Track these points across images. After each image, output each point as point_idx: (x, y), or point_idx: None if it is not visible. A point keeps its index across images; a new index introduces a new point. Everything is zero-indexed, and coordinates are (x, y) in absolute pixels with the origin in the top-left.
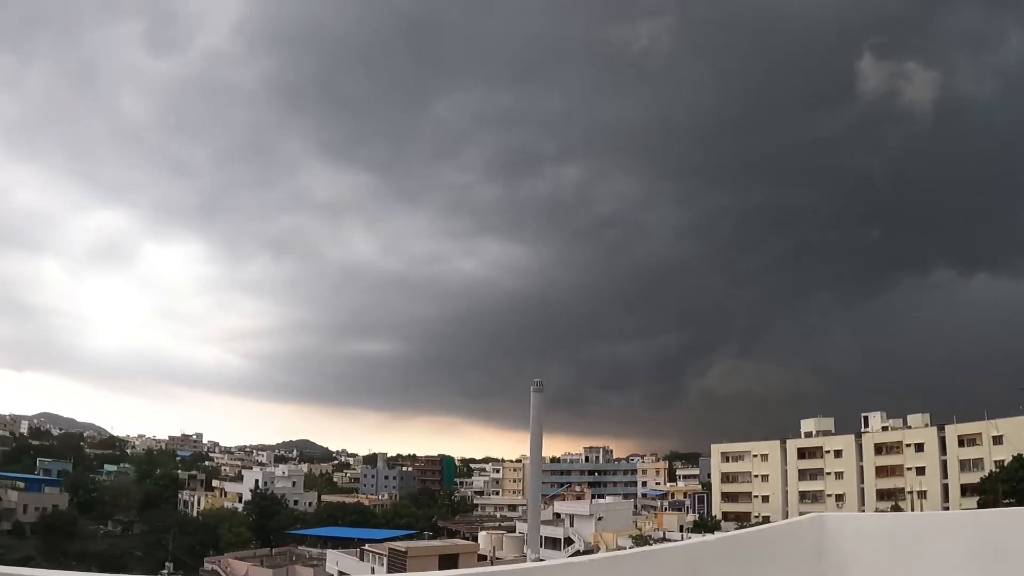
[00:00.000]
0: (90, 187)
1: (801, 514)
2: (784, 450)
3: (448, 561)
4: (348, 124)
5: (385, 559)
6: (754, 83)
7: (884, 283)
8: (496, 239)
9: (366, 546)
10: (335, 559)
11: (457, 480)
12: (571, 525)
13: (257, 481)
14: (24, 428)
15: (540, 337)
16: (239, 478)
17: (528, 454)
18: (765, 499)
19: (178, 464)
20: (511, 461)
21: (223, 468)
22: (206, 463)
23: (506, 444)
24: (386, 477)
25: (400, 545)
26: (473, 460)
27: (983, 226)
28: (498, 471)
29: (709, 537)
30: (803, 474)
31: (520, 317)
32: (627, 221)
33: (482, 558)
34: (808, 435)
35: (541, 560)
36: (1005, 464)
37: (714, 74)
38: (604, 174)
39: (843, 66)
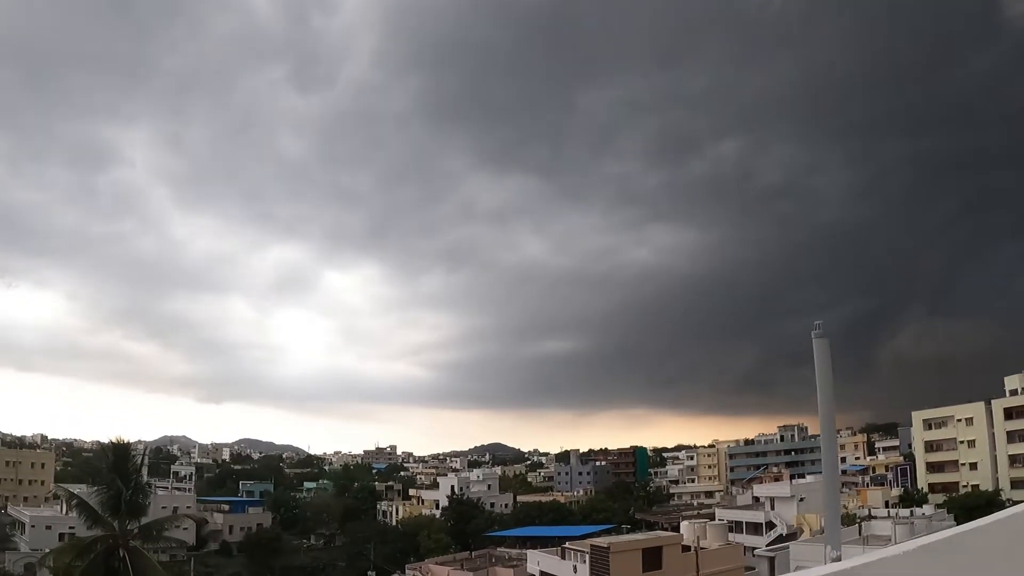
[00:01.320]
0: (264, 225)
1: (1014, 481)
2: (990, 411)
3: (652, 554)
4: (503, 131)
5: (587, 556)
6: (896, 29)
7: None
8: (664, 225)
9: (567, 544)
10: (536, 559)
11: (651, 470)
12: (772, 508)
13: (452, 487)
14: (226, 455)
15: (721, 318)
16: (435, 485)
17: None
18: (973, 466)
19: (374, 476)
20: (704, 447)
21: (418, 477)
22: (401, 474)
23: (697, 430)
24: (579, 473)
25: (602, 541)
26: (665, 449)
27: None
28: (692, 458)
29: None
30: (1012, 436)
31: (699, 300)
32: (795, 189)
33: (686, 549)
34: (1014, 393)
35: (839, 559)
36: None
37: (852, 28)
38: (764, 145)
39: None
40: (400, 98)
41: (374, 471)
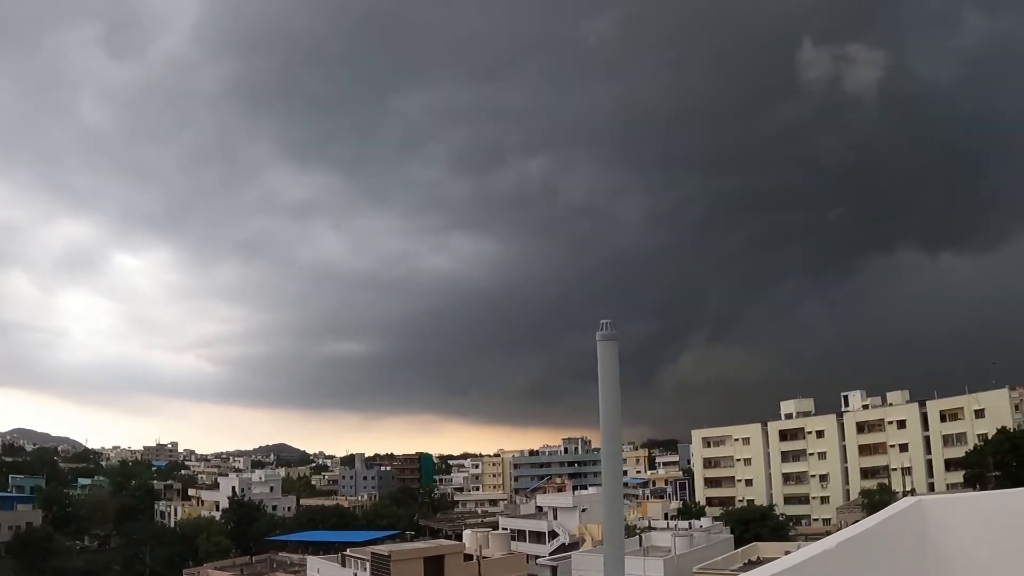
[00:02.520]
0: (56, 196)
1: (787, 497)
2: (766, 433)
3: (434, 563)
4: (313, 124)
5: (368, 563)
6: (710, 73)
7: (852, 265)
8: (465, 234)
9: (348, 551)
10: (316, 566)
11: (436, 477)
12: (555, 518)
13: (234, 488)
14: None
15: (513, 330)
16: (215, 486)
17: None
18: (748, 483)
19: (154, 474)
20: (489, 456)
21: (200, 476)
22: (182, 472)
23: (484, 439)
24: (365, 478)
25: (383, 549)
26: (451, 456)
27: (945, 205)
28: (477, 466)
29: (815, 548)
30: (786, 456)
31: (493, 311)
32: (596, 211)
33: (468, 558)
34: (788, 417)
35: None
36: (989, 437)
37: (669, 66)
38: (570, 166)
39: (793, 52)
40: (213, 78)
41: (154, 468)
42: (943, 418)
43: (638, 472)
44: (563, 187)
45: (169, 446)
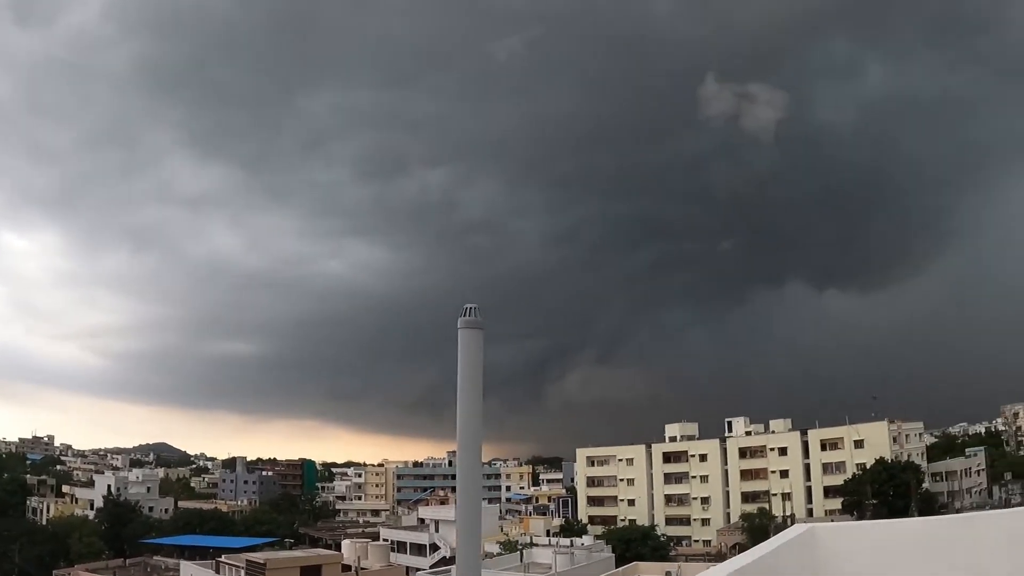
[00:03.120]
0: None
1: (669, 518)
2: (650, 454)
3: (311, 572)
4: (218, 115)
5: (243, 571)
6: (615, 100)
7: (742, 295)
8: (363, 240)
9: (223, 557)
10: (190, 572)
11: (319, 485)
12: (436, 530)
13: (109, 487)
14: None
15: (403, 340)
16: (91, 484)
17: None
18: (631, 503)
19: (27, 468)
20: (373, 465)
21: (75, 473)
22: (57, 467)
23: (369, 448)
24: (245, 482)
25: (259, 556)
26: (335, 464)
27: (834, 245)
28: (360, 476)
29: (713, 573)
30: (668, 478)
31: (384, 319)
32: (494, 227)
33: (346, 568)
34: (673, 439)
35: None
36: (867, 467)
37: (576, 90)
38: (472, 180)
39: (697, 87)
40: (121, 57)
41: (28, 462)
42: (824, 447)
43: (522, 488)
44: (463, 200)
45: (45, 439)
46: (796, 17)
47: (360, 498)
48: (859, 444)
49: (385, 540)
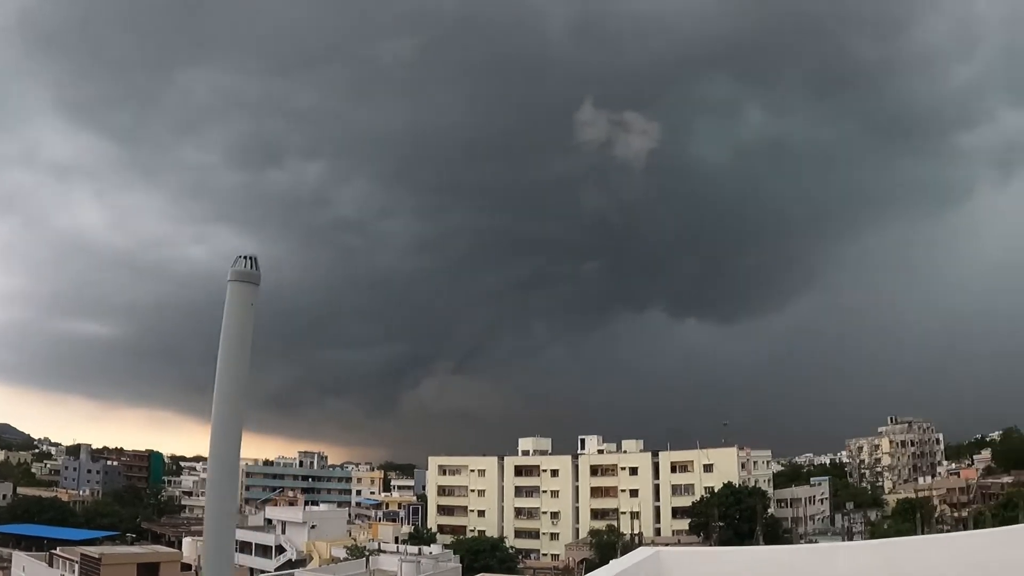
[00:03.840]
0: None
1: (518, 531)
2: (502, 466)
3: (148, 570)
4: (95, 81)
5: (77, 565)
6: (497, 115)
7: (603, 317)
8: (231, 229)
9: (58, 550)
10: (22, 563)
11: (166, 478)
12: (283, 532)
13: None
14: None
15: (263, 335)
16: None
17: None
18: (481, 514)
19: None
20: None
21: None
22: None
23: None
24: (89, 471)
25: (94, 551)
26: (184, 458)
27: (696, 276)
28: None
29: None
30: (520, 491)
31: None
32: (365, 227)
33: (186, 567)
34: (526, 453)
35: None
36: (715, 490)
37: (459, 100)
38: (347, 177)
39: (574, 110)
40: (5, 8)
41: None
42: (674, 469)
43: (372, 493)
44: (336, 198)
45: None
46: (683, 54)
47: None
48: (708, 468)
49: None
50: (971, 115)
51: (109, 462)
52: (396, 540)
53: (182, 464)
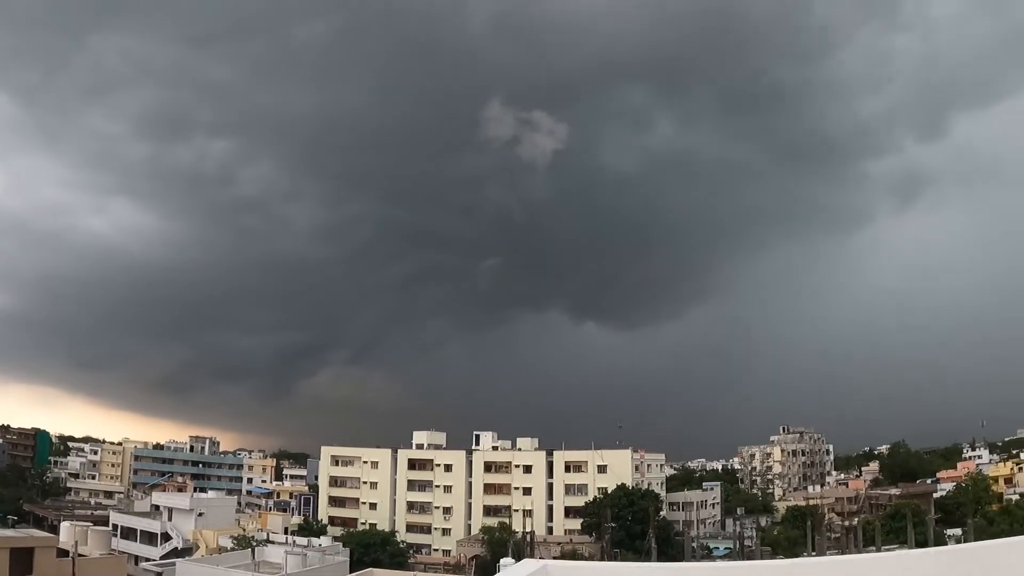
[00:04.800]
0: None
1: (410, 525)
2: (395, 459)
3: (21, 556)
4: (3, 36)
5: None
6: (408, 105)
7: (502, 315)
8: (132, 202)
9: None
10: None
11: (52, 459)
12: (169, 519)
13: None
14: None
15: (158, 312)
16: None
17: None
18: (373, 506)
19: None
20: (112, 443)
21: None
22: None
23: (112, 424)
24: None
25: None
26: (72, 438)
27: (597, 280)
28: (96, 453)
29: None
30: (412, 485)
31: (141, 290)
32: (268, 210)
33: (63, 553)
34: (420, 447)
35: None
36: (608, 491)
37: (371, 89)
38: (253, 158)
39: (482, 107)
40: None
41: None
42: (568, 468)
43: (264, 482)
44: (241, 177)
45: None
46: (602, 60)
47: (94, 477)
48: (603, 469)
49: (113, 525)
50: (878, 144)
51: None
52: (286, 531)
53: (70, 445)
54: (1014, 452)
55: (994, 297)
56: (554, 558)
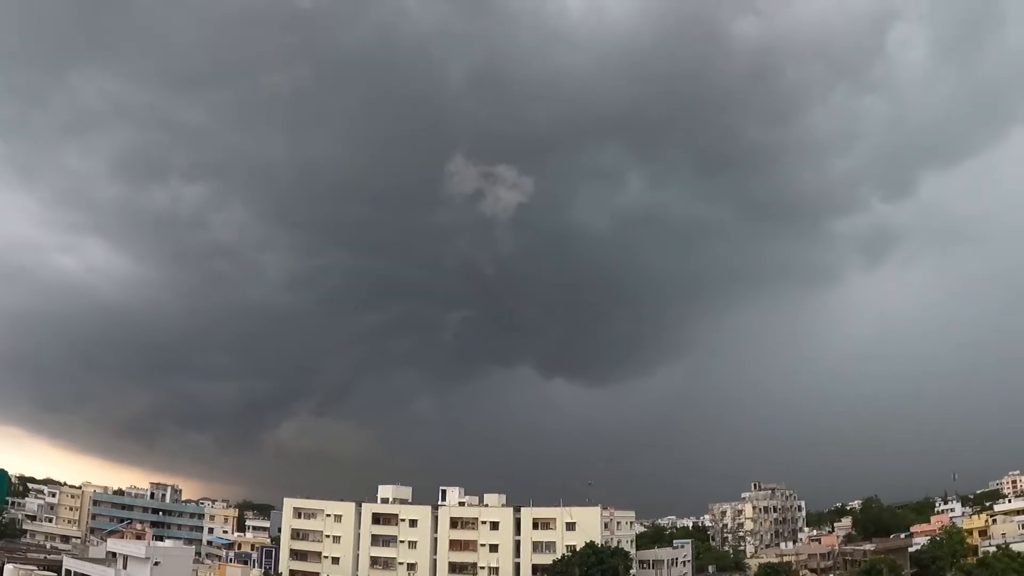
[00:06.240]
0: None
1: None
2: (359, 513)
3: None
4: None
5: None
6: (379, 158)
7: (471, 370)
8: (103, 242)
9: None
10: None
11: (10, 499)
12: (124, 567)
13: None
14: None
15: (126, 356)
16: None
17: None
18: (336, 560)
19: None
20: (71, 486)
21: None
22: None
23: (73, 467)
24: None
25: None
26: (32, 480)
27: (566, 336)
28: (54, 495)
29: None
30: (376, 540)
31: (110, 331)
32: (240, 257)
33: None
34: (385, 501)
35: None
36: (577, 549)
37: (345, 140)
38: (227, 203)
39: (446, 161)
40: None
41: None
42: (536, 525)
43: (225, 532)
44: (214, 222)
45: None
46: (573, 117)
47: (51, 520)
48: (571, 526)
49: (67, 571)
50: (847, 203)
51: None
52: None
53: (30, 486)
54: (987, 504)
55: (962, 351)
56: None
